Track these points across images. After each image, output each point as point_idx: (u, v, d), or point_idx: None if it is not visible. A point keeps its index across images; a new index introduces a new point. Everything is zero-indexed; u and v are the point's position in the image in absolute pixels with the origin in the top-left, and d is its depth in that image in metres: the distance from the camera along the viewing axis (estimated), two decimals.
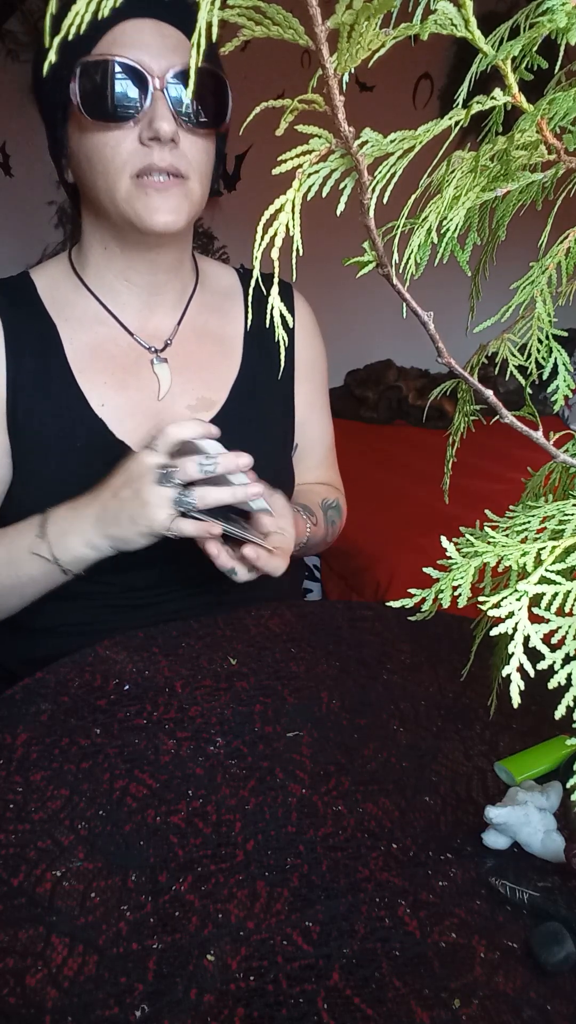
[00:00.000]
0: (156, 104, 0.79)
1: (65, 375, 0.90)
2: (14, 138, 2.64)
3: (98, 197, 0.84)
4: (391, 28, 0.34)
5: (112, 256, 0.91)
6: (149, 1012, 0.47)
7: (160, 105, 0.79)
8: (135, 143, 0.80)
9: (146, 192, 0.81)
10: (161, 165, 0.80)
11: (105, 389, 0.91)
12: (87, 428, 0.89)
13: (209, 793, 0.65)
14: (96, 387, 0.91)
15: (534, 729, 0.74)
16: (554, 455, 0.42)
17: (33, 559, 0.83)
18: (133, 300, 0.94)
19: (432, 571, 0.41)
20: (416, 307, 0.37)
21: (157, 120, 0.78)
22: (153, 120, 0.79)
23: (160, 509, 0.77)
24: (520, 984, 0.50)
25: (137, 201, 0.82)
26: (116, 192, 0.82)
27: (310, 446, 1.10)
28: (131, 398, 0.92)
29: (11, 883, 0.55)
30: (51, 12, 0.30)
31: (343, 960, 0.51)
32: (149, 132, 0.79)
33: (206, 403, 0.96)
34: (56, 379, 0.89)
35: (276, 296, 0.36)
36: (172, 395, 0.94)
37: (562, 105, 0.37)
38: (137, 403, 0.92)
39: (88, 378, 0.90)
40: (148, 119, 0.79)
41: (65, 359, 0.90)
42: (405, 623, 0.93)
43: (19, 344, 0.89)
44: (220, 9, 0.30)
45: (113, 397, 0.91)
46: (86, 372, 0.91)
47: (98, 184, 0.83)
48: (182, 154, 0.82)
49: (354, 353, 3.05)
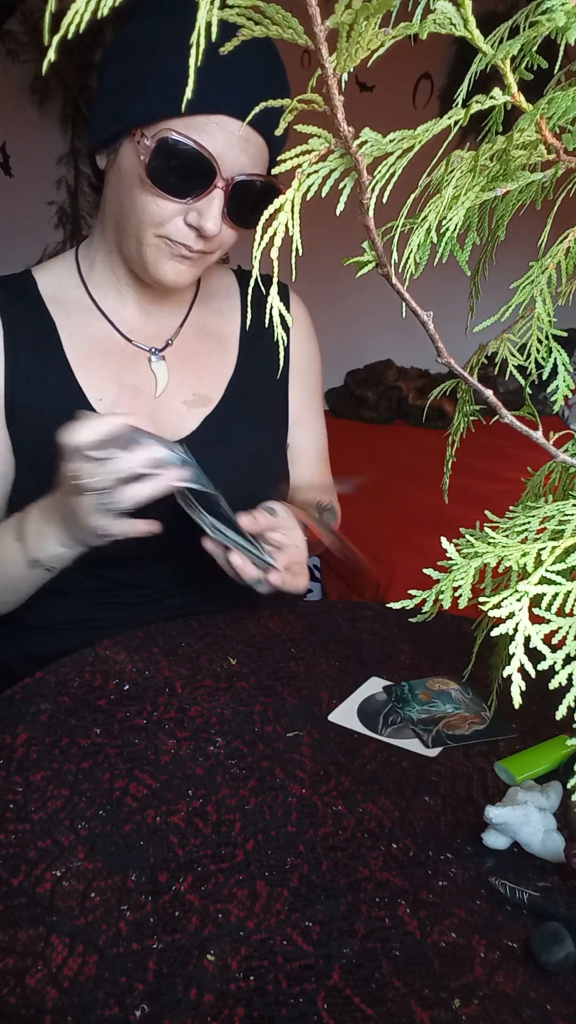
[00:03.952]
0: (213, 201, 0.79)
1: (63, 369, 0.90)
2: (14, 138, 2.64)
3: (122, 223, 0.85)
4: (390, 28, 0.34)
5: (117, 261, 0.91)
6: (149, 1012, 0.47)
7: (215, 204, 0.79)
8: (179, 218, 0.81)
9: (170, 253, 0.83)
10: (194, 248, 0.82)
11: (103, 384, 0.91)
12: None
13: (209, 793, 0.65)
14: (94, 381, 0.91)
15: (534, 729, 0.74)
16: (554, 455, 0.42)
17: (16, 559, 0.84)
18: (132, 303, 0.94)
19: (432, 572, 0.41)
20: (416, 307, 0.37)
21: (206, 217, 0.79)
22: (203, 214, 0.79)
23: (88, 516, 0.75)
24: (520, 984, 0.50)
25: (158, 254, 0.83)
26: (141, 236, 0.83)
27: (303, 447, 1.10)
28: (128, 393, 0.92)
29: (11, 883, 0.55)
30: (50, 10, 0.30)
31: (343, 960, 0.51)
32: (195, 221, 0.80)
33: (202, 400, 0.96)
34: (54, 373, 0.90)
35: (275, 295, 0.36)
36: (169, 392, 0.95)
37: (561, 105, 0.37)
38: (134, 398, 0.92)
39: (86, 373, 0.91)
40: (199, 209, 0.80)
41: (63, 354, 0.90)
42: (405, 623, 0.93)
43: (17, 339, 0.89)
44: (220, 9, 0.30)
45: (110, 392, 0.91)
46: (84, 367, 0.91)
47: (129, 219, 0.83)
48: (215, 240, 0.83)
49: (354, 353, 3.05)
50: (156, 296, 0.94)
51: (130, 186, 0.81)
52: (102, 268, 0.93)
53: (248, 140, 0.79)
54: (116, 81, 0.80)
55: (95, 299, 0.93)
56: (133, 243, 0.84)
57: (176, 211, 0.80)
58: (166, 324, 0.97)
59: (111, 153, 0.83)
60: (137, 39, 0.78)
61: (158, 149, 0.76)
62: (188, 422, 0.95)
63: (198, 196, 0.79)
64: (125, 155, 0.81)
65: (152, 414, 0.93)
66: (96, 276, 0.94)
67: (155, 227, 0.81)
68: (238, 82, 0.76)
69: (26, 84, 2.57)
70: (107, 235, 0.90)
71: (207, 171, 0.78)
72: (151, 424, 0.93)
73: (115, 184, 0.84)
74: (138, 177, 0.79)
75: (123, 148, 0.81)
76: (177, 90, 0.75)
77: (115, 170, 0.83)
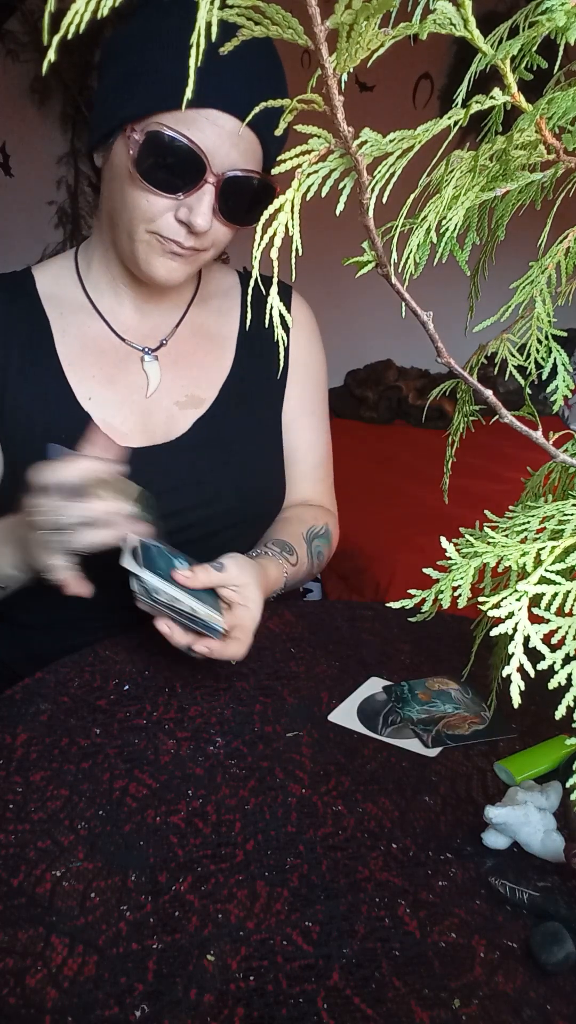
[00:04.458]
0: (203, 196, 0.79)
1: (54, 368, 0.90)
2: (14, 138, 2.64)
3: (115, 220, 0.85)
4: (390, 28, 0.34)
5: (113, 260, 0.91)
6: (149, 1012, 0.47)
7: (206, 199, 0.79)
8: (170, 214, 0.80)
9: (161, 249, 0.83)
10: (185, 245, 0.82)
11: (93, 383, 0.91)
12: (72, 421, 0.89)
13: (209, 793, 0.65)
14: (84, 381, 0.91)
15: (534, 729, 0.74)
16: (554, 455, 0.42)
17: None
18: (128, 302, 0.94)
19: (432, 571, 0.41)
20: (416, 307, 0.37)
21: (196, 213, 0.79)
22: (193, 209, 0.79)
23: (39, 550, 0.74)
24: (520, 984, 0.50)
25: (149, 250, 0.83)
26: (133, 232, 0.82)
27: (297, 452, 1.06)
28: (119, 393, 0.92)
29: (11, 883, 0.55)
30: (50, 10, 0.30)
31: (343, 960, 0.51)
32: (185, 217, 0.80)
33: (195, 401, 0.96)
34: (45, 372, 0.90)
35: (275, 295, 0.36)
36: (161, 392, 0.94)
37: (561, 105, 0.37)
38: (124, 398, 0.92)
39: (77, 372, 0.91)
40: (189, 205, 0.79)
41: (55, 353, 0.90)
42: (405, 623, 0.93)
43: (9, 336, 0.89)
44: (220, 9, 0.30)
45: (101, 391, 0.91)
46: (75, 366, 0.91)
47: (122, 215, 0.83)
48: (207, 237, 0.83)
49: (354, 353, 3.04)
50: (152, 295, 0.94)
51: (122, 182, 0.81)
52: (99, 267, 0.93)
53: (240, 135, 0.79)
54: (112, 79, 0.80)
55: (91, 298, 0.93)
56: (126, 239, 0.84)
57: (166, 207, 0.80)
58: (162, 324, 0.97)
59: (106, 151, 0.84)
60: (133, 38, 0.79)
61: (147, 143, 0.77)
62: (179, 423, 0.94)
63: (188, 191, 0.79)
64: (117, 152, 0.81)
65: (143, 414, 0.93)
66: (93, 275, 0.94)
67: (146, 223, 0.81)
68: (229, 77, 0.76)
69: (26, 84, 2.57)
70: (103, 234, 0.91)
71: (197, 166, 0.78)
72: (141, 424, 0.92)
73: (109, 181, 0.84)
74: (128, 173, 0.79)
75: (116, 145, 0.81)
76: (168, 86, 0.75)
77: (109, 167, 0.83)
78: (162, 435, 0.93)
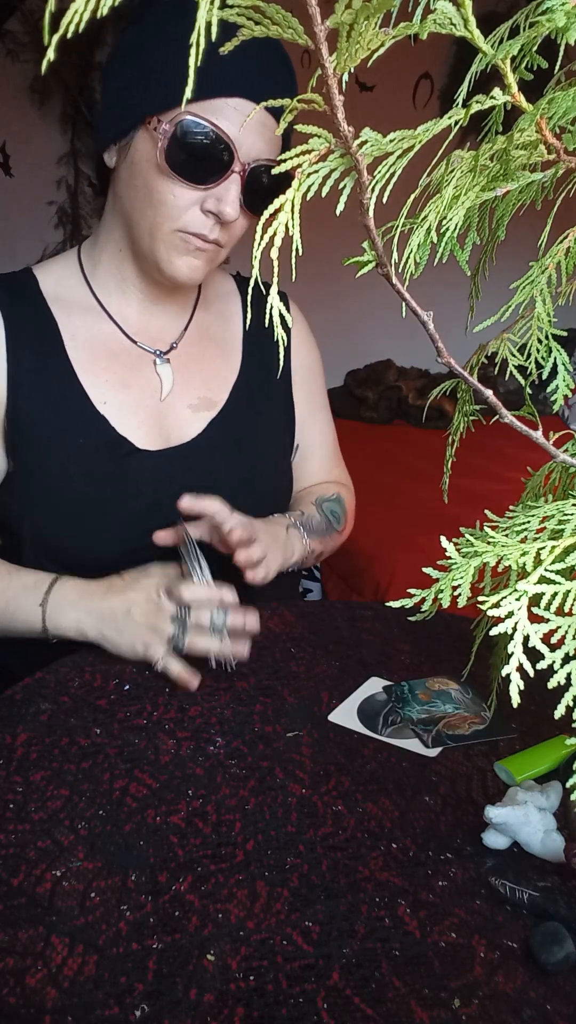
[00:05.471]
0: (231, 186, 0.80)
1: (66, 372, 0.89)
2: (14, 138, 2.63)
3: (135, 219, 0.84)
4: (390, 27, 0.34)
5: (124, 260, 0.91)
6: (149, 1012, 0.47)
7: (233, 189, 0.80)
8: (196, 207, 0.81)
9: (185, 248, 0.83)
10: (210, 238, 0.82)
11: (107, 387, 0.91)
12: (89, 426, 0.89)
13: (209, 793, 0.65)
14: (98, 385, 0.90)
15: (534, 729, 0.74)
16: (554, 455, 0.42)
17: (28, 617, 0.85)
18: (137, 303, 0.94)
19: (432, 571, 0.41)
20: (416, 307, 0.37)
21: (225, 202, 0.79)
22: (221, 199, 0.80)
23: (160, 645, 0.79)
24: (520, 984, 0.50)
25: (172, 250, 0.83)
26: (157, 231, 0.82)
27: (312, 446, 1.10)
28: (133, 396, 0.92)
29: (11, 883, 0.55)
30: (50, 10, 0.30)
31: (343, 960, 0.51)
32: (214, 207, 0.80)
33: (207, 403, 0.96)
34: (57, 376, 0.89)
35: (275, 296, 0.36)
36: (174, 395, 0.94)
37: (561, 105, 0.37)
38: (139, 401, 0.92)
39: (90, 376, 0.90)
40: (217, 195, 0.80)
41: (66, 356, 0.90)
42: (405, 623, 0.93)
43: (19, 339, 0.89)
44: (220, 9, 0.30)
45: (115, 395, 0.91)
46: (88, 370, 0.90)
47: (144, 212, 0.82)
48: (230, 229, 0.83)
49: (354, 353, 3.04)
50: (161, 297, 0.94)
51: (145, 177, 0.81)
52: (107, 268, 0.92)
53: (264, 124, 0.80)
54: (127, 77, 0.80)
55: (99, 299, 0.93)
56: (147, 239, 0.84)
57: (193, 199, 0.80)
58: (170, 326, 0.97)
59: (122, 148, 0.83)
60: (148, 37, 0.79)
61: (176, 133, 0.77)
62: (193, 426, 0.94)
63: (216, 182, 0.79)
64: (139, 146, 0.80)
65: (157, 417, 0.93)
66: (100, 276, 0.93)
67: (171, 220, 0.81)
68: (254, 67, 0.77)
69: (26, 84, 2.57)
70: (115, 234, 0.90)
71: (225, 155, 0.78)
72: (157, 428, 0.93)
73: (127, 179, 0.83)
74: (155, 166, 0.79)
75: (137, 140, 0.81)
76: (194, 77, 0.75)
77: (127, 164, 0.83)
78: (176, 438, 0.93)
